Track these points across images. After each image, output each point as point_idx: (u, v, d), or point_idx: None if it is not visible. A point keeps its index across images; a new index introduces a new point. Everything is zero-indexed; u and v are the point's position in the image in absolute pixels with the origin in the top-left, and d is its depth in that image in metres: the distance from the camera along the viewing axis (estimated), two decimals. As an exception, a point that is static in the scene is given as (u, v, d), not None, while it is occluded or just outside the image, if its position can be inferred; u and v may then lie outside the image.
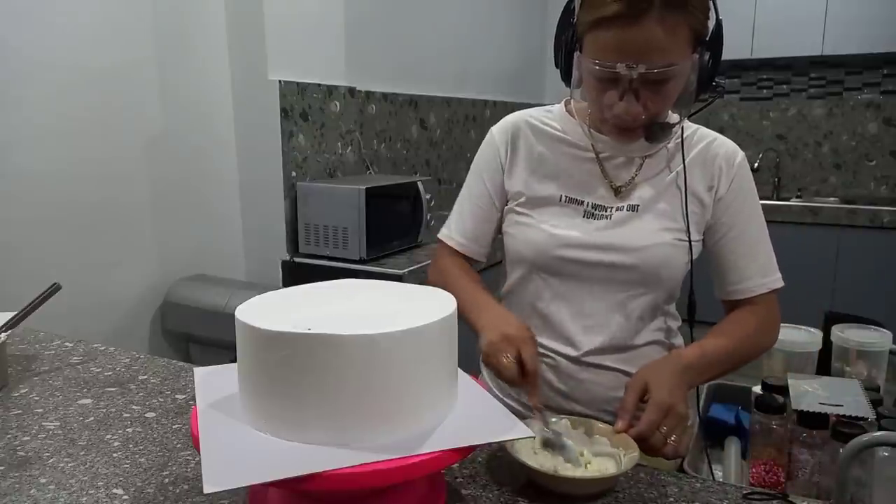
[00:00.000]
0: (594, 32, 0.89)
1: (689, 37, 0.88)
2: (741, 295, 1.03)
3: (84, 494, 0.76)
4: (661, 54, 0.85)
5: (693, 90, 0.93)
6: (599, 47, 0.88)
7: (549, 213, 1.04)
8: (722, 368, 1.01)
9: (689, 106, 0.96)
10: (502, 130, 1.10)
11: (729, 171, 1.01)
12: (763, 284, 1.02)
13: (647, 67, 0.85)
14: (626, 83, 0.89)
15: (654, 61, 0.85)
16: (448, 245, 1.13)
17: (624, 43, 0.85)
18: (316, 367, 0.61)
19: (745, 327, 1.01)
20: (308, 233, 2.32)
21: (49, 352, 1.24)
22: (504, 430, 0.67)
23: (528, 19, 4.17)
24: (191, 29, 2.15)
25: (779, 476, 1.01)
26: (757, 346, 1.04)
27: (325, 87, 2.43)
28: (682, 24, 0.86)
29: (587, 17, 0.89)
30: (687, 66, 0.89)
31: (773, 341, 1.07)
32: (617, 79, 0.89)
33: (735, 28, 3.84)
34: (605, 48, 0.87)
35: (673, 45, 0.86)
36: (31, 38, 1.71)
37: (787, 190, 4.24)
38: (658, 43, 0.85)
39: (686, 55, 0.89)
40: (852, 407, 0.94)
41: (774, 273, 1.03)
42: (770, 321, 1.04)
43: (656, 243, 0.99)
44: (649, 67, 0.86)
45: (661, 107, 0.93)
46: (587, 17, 0.89)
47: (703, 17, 0.89)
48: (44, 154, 1.77)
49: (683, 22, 0.86)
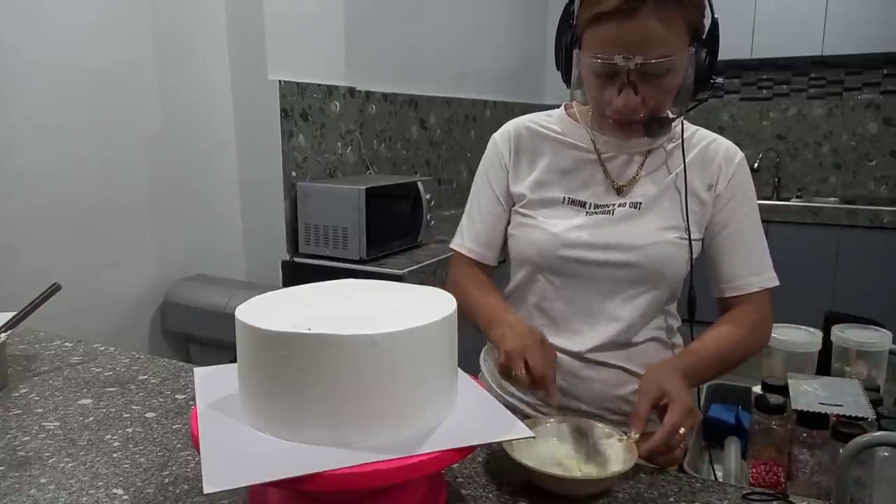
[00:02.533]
0: (593, 28, 0.91)
1: (686, 30, 0.91)
2: (735, 292, 1.03)
3: (84, 494, 0.76)
4: (657, 46, 0.88)
5: (690, 86, 0.95)
6: (598, 42, 0.91)
7: (552, 213, 1.04)
8: (718, 370, 1.02)
9: (688, 102, 0.98)
10: (504, 135, 1.12)
11: (728, 169, 1.03)
12: (756, 283, 1.02)
13: (644, 59, 0.88)
14: (624, 76, 0.91)
15: (651, 53, 0.88)
16: (462, 255, 1.14)
17: (621, 36, 0.88)
18: (316, 367, 0.61)
19: (740, 328, 1.02)
20: (308, 233, 2.32)
21: (49, 352, 1.24)
22: (504, 430, 0.67)
23: (528, 19, 4.18)
24: (191, 29, 2.15)
25: (779, 476, 1.01)
26: (751, 347, 1.04)
27: (325, 87, 2.43)
28: (677, 16, 0.89)
29: (586, 14, 0.92)
30: (683, 60, 0.92)
31: (767, 340, 1.08)
32: (615, 73, 0.91)
33: (735, 28, 3.85)
34: (604, 42, 0.90)
35: (669, 38, 0.89)
36: (30, 39, 1.71)
37: (787, 190, 4.24)
38: (654, 35, 0.87)
39: (683, 49, 0.91)
40: (852, 407, 0.94)
41: (769, 272, 1.03)
42: (763, 320, 1.04)
43: (658, 241, 1.00)
44: (646, 59, 0.88)
45: (659, 101, 0.95)
46: (586, 13, 0.92)
47: (698, 11, 0.91)
48: (44, 154, 1.77)
49: (679, 15, 0.89)
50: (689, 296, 1.04)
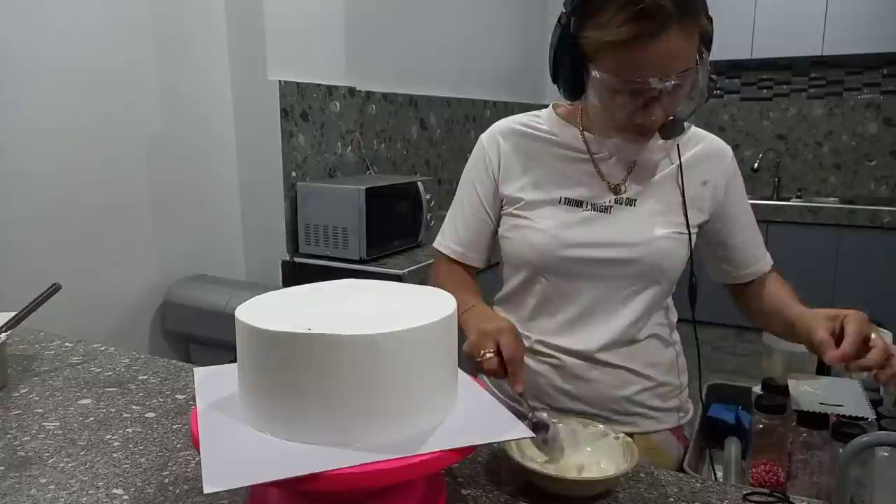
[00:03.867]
0: (615, 51, 0.87)
1: (699, 38, 0.91)
2: (756, 276, 1.11)
3: (84, 494, 0.76)
4: (682, 62, 0.87)
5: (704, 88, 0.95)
6: (621, 66, 0.87)
7: (548, 214, 1.04)
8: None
9: (702, 102, 0.97)
10: (491, 138, 1.11)
11: (723, 166, 1.06)
12: (769, 263, 1.12)
13: (676, 77, 0.87)
14: (651, 94, 0.89)
15: (679, 68, 0.87)
16: (442, 253, 1.15)
17: (647, 61, 0.86)
18: (316, 367, 0.61)
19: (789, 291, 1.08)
20: (308, 233, 2.32)
21: (49, 352, 1.24)
22: (504, 430, 0.67)
23: (528, 19, 4.18)
24: (191, 29, 2.15)
25: (779, 476, 1.01)
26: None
27: (325, 87, 2.43)
28: (695, 28, 0.88)
29: (598, 38, 0.88)
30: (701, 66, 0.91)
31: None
32: (641, 91, 0.89)
33: (735, 28, 3.85)
34: (629, 67, 0.87)
35: (690, 51, 0.89)
36: (31, 39, 1.71)
37: (787, 190, 4.24)
38: (679, 53, 0.87)
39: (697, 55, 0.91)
40: (852, 407, 0.94)
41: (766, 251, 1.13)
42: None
43: (657, 236, 1.01)
44: (678, 77, 0.87)
45: (676, 108, 0.94)
46: (598, 37, 0.88)
47: (706, 18, 0.91)
48: (44, 154, 1.77)
49: (696, 26, 0.88)
50: (690, 283, 1.06)
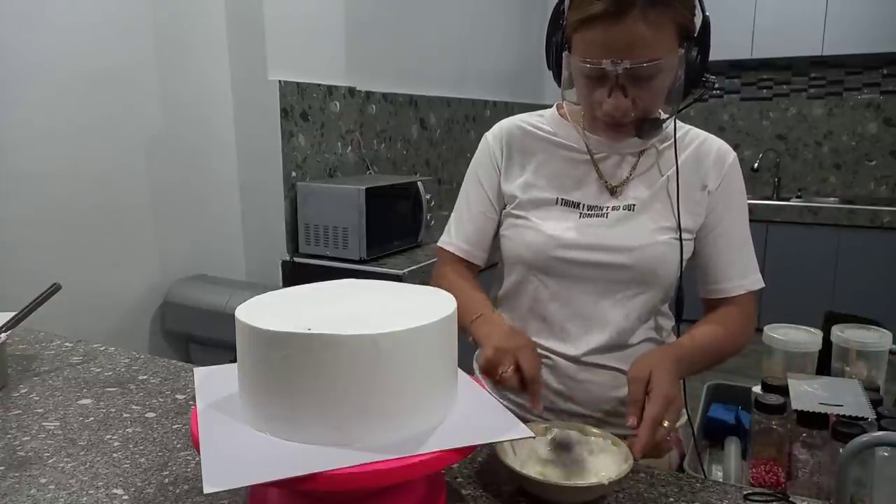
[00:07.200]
0: (581, 32, 0.91)
1: (675, 32, 0.90)
2: (721, 294, 1.04)
3: (84, 494, 0.76)
4: (645, 50, 0.87)
5: (681, 86, 0.95)
6: (587, 45, 0.91)
7: (545, 214, 1.04)
8: (707, 363, 1.01)
9: (679, 102, 0.98)
10: (496, 135, 1.11)
11: (720, 170, 1.03)
12: (742, 286, 1.03)
13: (632, 63, 0.88)
14: (613, 79, 0.91)
15: (639, 57, 0.87)
16: (449, 252, 1.14)
17: (609, 40, 0.88)
18: (316, 367, 0.61)
19: (725, 329, 1.02)
20: (308, 233, 2.32)
21: (49, 352, 1.24)
22: (504, 430, 0.67)
23: (528, 19, 4.18)
24: (190, 29, 2.15)
25: (779, 476, 1.01)
26: (735, 347, 1.05)
27: (325, 87, 2.43)
28: (665, 18, 0.88)
29: (574, 17, 0.91)
30: (673, 61, 0.91)
31: (748, 341, 1.08)
32: (605, 76, 0.91)
33: (735, 28, 3.85)
34: (592, 46, 0.90)
35: (657, 41, 0.88)
36: (31, 40, 1.71)
37: (787, 190, 4.24)
38: (642, 39, 0.87)
39: (672, 51, 0.90)
40: (852, 407, 0.94)
41: (754, 274, 1.04)
42: (747, 321, 1.05)
43: (652, 242, 1.00)
44: (634, 63, 0.88)
45: (649, 102, 0.95)
46: (574, 17, 0.91)
47: (688, 12, 0.91)
48: (44, 155, 1.77)
49: (667, 16, 0.88)
50: (677, 296, 1.04)
